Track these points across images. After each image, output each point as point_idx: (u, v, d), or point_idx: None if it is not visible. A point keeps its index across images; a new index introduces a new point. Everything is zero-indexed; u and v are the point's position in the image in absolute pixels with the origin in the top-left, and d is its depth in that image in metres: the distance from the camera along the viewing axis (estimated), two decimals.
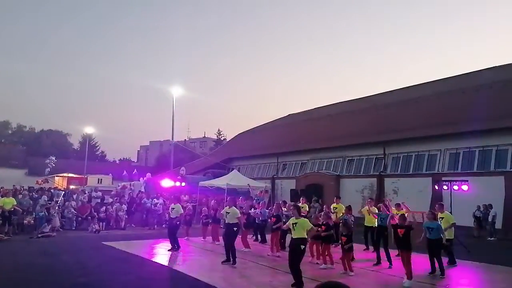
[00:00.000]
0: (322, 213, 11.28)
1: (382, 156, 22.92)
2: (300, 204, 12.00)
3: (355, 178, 23.98)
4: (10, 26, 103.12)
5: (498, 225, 16.27)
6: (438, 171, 19.88)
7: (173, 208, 12.02)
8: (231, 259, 9.49)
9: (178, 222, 11.93)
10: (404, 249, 8.29)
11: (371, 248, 11.29)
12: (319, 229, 9.41)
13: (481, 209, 16.59)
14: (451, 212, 11.64)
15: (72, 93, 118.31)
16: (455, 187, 14.60)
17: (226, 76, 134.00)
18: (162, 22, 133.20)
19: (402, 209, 11.47)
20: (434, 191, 18.13)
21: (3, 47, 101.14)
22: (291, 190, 24.90)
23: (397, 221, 9.16)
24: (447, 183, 15.04)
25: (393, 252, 9.68)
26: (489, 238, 15.79)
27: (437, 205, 10.84)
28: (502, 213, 16.52)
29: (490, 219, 16.09)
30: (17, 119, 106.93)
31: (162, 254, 11.29)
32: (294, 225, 7.58)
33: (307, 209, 14.12)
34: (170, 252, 11.27)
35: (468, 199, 15.64)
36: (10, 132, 75.95)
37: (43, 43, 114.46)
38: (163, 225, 17.57)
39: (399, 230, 8.54)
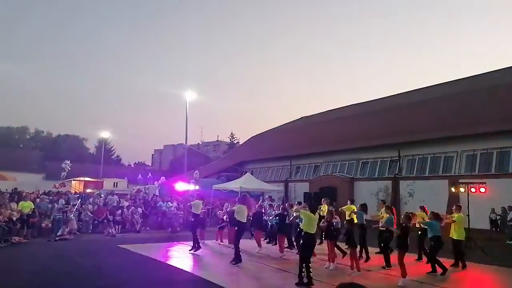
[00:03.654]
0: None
1: (397, 158, 22.65)
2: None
3: (369, 180, 23.76)
4: (27, 30, 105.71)
5: None
6: (454, 173, 19.56)
7: (194, 205, 12.18)
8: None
9: (192, 219, 12.26)
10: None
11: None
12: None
13: (497, 211, 16.32)
14: (468, 215, 11.63)
15: (88, 98, 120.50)
16: (473, 190, 14.34)
17: (239, 79, 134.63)
18: (175, 26, 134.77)
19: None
20: (450, 194, 17.85)
21: (20, 53, 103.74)
22: (304, 193, 24.80)
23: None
24: (464, 185, 14.79)
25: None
26: (508, 241, 15.44)
27: (454, 206, 11.19)
28: None
29: (509, 221, 15.75)
30: (35, 125, 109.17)
31: (177, 257, 11.37)
32: None
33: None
34: (191, 254, 11.50)
35: (486, 202, 15.33)
36: (28, 137, 77.69)
37: (59, 49, 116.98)
38: (178, 228, 17.72)
39: None
